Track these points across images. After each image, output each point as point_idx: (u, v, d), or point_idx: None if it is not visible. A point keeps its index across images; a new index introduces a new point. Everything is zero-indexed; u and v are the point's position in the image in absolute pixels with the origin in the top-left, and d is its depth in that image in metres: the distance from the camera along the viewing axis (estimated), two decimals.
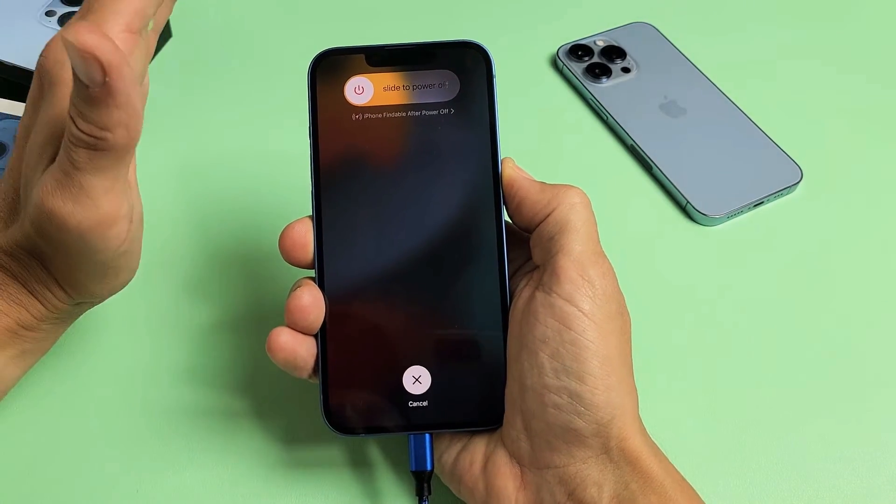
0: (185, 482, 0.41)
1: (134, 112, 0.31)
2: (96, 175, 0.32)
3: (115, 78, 0.29)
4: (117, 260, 0.36)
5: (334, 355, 0.38)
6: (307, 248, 0.38)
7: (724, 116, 0.58)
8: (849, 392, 0.46)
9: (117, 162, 0.32)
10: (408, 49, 0.39)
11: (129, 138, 0.32)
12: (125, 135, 0.31)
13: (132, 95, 0.30)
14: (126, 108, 0.30)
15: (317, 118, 0.39)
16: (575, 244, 0.36)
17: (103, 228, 0.33)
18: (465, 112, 0.39)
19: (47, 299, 0.37)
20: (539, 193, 0.37)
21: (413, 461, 0.38)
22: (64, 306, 0.38)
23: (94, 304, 0.40)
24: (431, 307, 0.38)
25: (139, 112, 0.31)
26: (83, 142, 0.31)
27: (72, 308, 0.39)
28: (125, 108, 0.30)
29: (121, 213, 0.34)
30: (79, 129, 0.31)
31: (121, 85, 0.29)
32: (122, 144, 0.31)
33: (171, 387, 0.44)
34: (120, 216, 0.34)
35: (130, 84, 0.30)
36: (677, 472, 0.36)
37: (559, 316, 0.35)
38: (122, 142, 0.31)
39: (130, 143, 0.32)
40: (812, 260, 0.51)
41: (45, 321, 0.38)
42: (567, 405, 0.35)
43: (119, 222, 0.34)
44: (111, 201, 0.33)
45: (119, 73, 0.29)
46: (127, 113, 0.31)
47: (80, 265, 0.35)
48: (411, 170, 0.39)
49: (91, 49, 0.28)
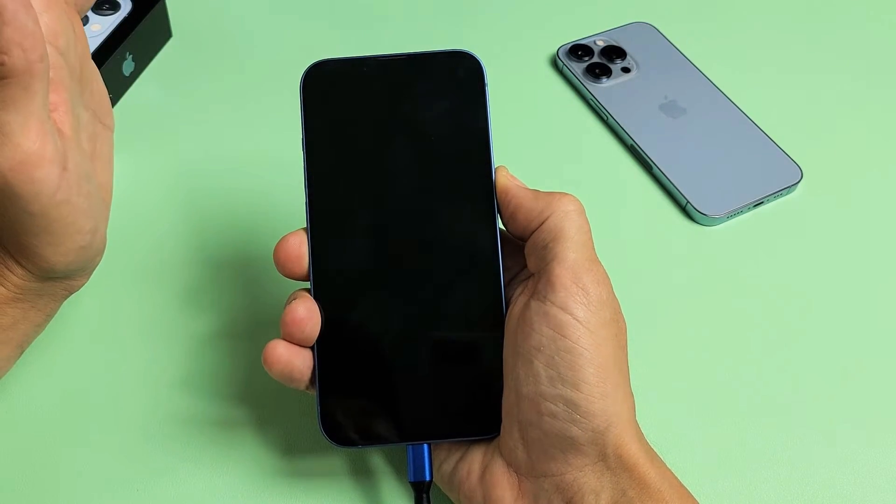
0: (183, 492, 0.41)
1: (27, 30, 0.29)
2: (5, 110, 0.30)
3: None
4: (55, 211, 0.33)
5: (330, 367, 0.38)
6: (302, 261, 0.38)
7: (724, 116, 0.57)
8: (849, 392, 0.46)
9: (26, 93, 0.30)
10: (400, 59, 0.39)
11: (28, 61, 0.30)
12: (22, 56, 0.29)
13: (20, 11, 0.28)
14: (15, 24, 0.29)
15: (309, 129, 0.39)
16: (569, 252, 0.36)
17: (27, 169, 0.31)
18: (459, 121, 0.39)
19: (5, 277, 0.35)
20: (533, 201, 0.37)
21: (412, 472, 0.38)
22: (26, 283, 0.36)
23: (64, 284, 0.38)
24: (427, 317, 0.38)
25: (34, 31, 0.29)
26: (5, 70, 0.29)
27: (37, 285, 0.36)
28: (14, 24, 0.29)
29: (44, 154, 0.32)
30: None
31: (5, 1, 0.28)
32: (21, 67, 0.29)
33: (169, 396, 0.44)
34: (44, 157, 0.32)
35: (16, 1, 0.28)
36: (675, 478, 0.36)
37: (554, 324, 0.35)
38: (20, 63, 0.29)
39: (31, 66, 0.30)
40: (812, 260, 0.51)
41: (8, 304, 0.36)
42: (563, 413, 0.35)
43: (44, 164, 0.32)
44: (30, 139, 0.31)
45: None
46: (19, 31, 0.29)
47: (15, 222, 0.33)
48: (405, 180, 0.38)
49: None
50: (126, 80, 0.59)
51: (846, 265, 0.51)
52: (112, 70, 0.57)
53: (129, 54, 0.58)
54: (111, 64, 0.56)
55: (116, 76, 0.57)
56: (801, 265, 0.51)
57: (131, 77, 0.59)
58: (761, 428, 0.44)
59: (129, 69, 0.59)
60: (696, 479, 0.37)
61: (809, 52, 0.63)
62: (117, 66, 0.57)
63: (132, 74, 0.59)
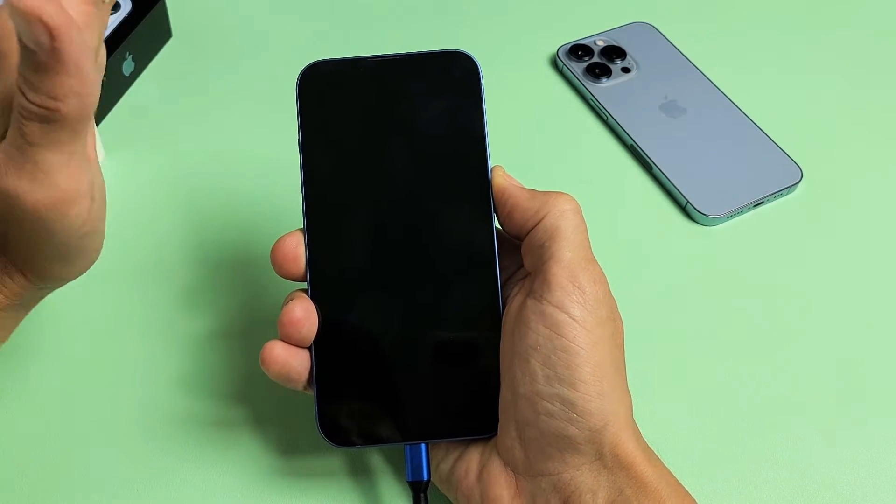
0: (181, 491, 0.41)
1: (86, 80, 0.29)
2: (52, 150, 0.30)
3: (64, 42, 0.27)
4: (80, 241, 0.34)
5: (328, 367, 0.38)
6: (299, 261, 0.38)
7: (724, 116, 0.57)
8: (849, 392, 0.45)
9: (73, 135, 0.30)
10: (396, 59, 0.39)
11: (83, 108, 0.30)
12: (78, 104, 0.29)
13: (83, 61, 0.28)
14: (77, 75, 0.28)
15: (305, 130, 0.39)
16: (565, 251, 0.35)
17: (63, 207, 0.31)
18: (455, 121, 0.39)
19: (6, 285, 0.34)
20: (529, 201, 0.37)
21: (409, 471, 0.38)
22: (24, 292, 0.35)
23: (55, 288, 0.38)
24: (425, 317, 0.38)
25: (92, 80, 0.29)
26: (34, 114, 0.29)
27: (32, 293, 0.36)
28: (76, 75, 0.28)
29: (81, 191, 0.32)
30: (29, 101, 0.29)
31: (70, 50, 0.27)
32: (75, 115, 0.29)
33: (168, 396, 0.44)
34: (80, 194, 0.32)
35: (80, 50, 0.28)
36: (672, 477, 0.36)
37: (550, 323, 0.35)
38: (74, 112, 0.29)
39: (84, 113, 0.30)
40: (812, 260, 0.51)
41: (3, 310, 0.35)
42: (560, 412, 0.34)
43: (80, 200, 0.32)
44: (70, 178, 0.31)
45: (68, 38, 0.27)
46: (79, 80, 0.29)
47: (40, 248, 0.33)
48: (401, 180, 0.38)
49: (36, 11, 0.26)
50: (126, 80, 0.59)
51: (846, 265, 0.51)
52: (112, 70, 0.57)
53: (129, 54, 0.58)
54: (111, 64, 0.56)
55: (116, 76, 0.58)
56: (801, 265, 0.51)
57: (131, 77, 0.59)
58: (761, 428, 0.44)
59: (128, 69, 0.59)
60: (696, 479, 0.37)
61: (809, 52, 0.63)
62: (117, 65, 0.57)
63: (132, 74, 0.59)
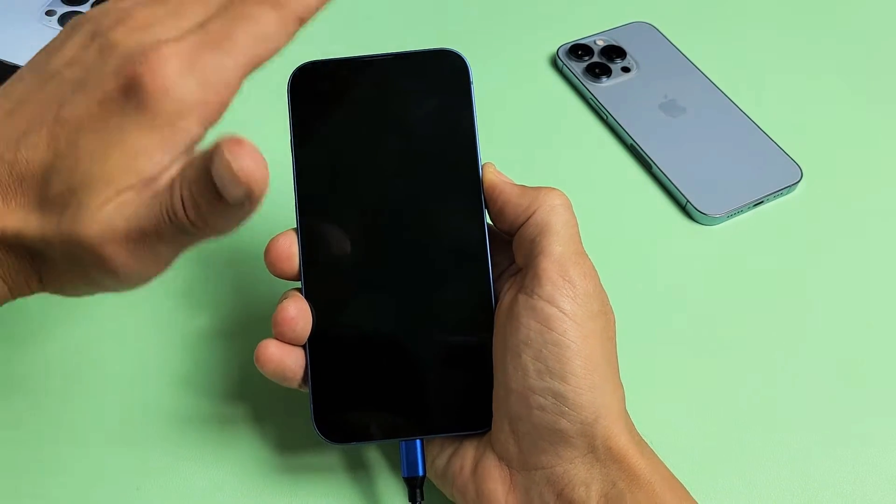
0: (178, 489, 0.42)
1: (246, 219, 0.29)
2: (171, 247, 0.30)
3: (255, 205, 0.28)
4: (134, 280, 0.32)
5: (322, 365, 0.38)
6: (292, 260, 0.38)
7: (724, 116, 0.57)
8: (849, 392, 0.45)
9: (197, 243, 0.30)
10: (385, 59, 0.39)
11: (219, 234, 0.30)
12: (220, 232, 0.29)
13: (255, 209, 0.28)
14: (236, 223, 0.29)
15: (297, 131, 0.39)
16: (555, 245, 0.36)
17: (142, 282, 0.31)
18: (446, 119, 0.39)
19: (18, 289, 0.33)
20: (520, 197, 0.37)
21: (405, 467, 0.38)
22: (31, 294, 0.34)
23: None
24: (418, 314, 0.38)
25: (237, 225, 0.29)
26: (182, 227, 0.29)
27: None
28: (235, 223, 0.29)
29: (163, 272, 0.32)
30: (186, 217, 0.28)
31: (252, 210, 0.28)
32: (211, 237, 0.29)
33: (164, 393, 0.45)
34: (160, 273, 0.31)
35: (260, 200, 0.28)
36: (666, 469, 0.36)
37: (540, 317, 0.35)
38: (212, 236, 0.29)
39: (226, 234, 0.30)
40: (812, 260, 0.51)
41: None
42: (551, 406, 0.35)
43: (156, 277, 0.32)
44: (168, 265, 0.31)
45: (259, 199, 0.27)
46: (233, 226, 0.29)
47: (81, 283, 0.32)
48: (393, 179, 0.39)
49: (247, 176, 0.27)
50: None
51: (846, 265, 0.51)
52: None
53: None
54: None
55: None
56: (801, 265, 0.51)
57: None
58: (761, 428, 0.44)
59: None
60: (696, 479, 0.37)
61: (809, 52, 0.63)
62: None
63: None
